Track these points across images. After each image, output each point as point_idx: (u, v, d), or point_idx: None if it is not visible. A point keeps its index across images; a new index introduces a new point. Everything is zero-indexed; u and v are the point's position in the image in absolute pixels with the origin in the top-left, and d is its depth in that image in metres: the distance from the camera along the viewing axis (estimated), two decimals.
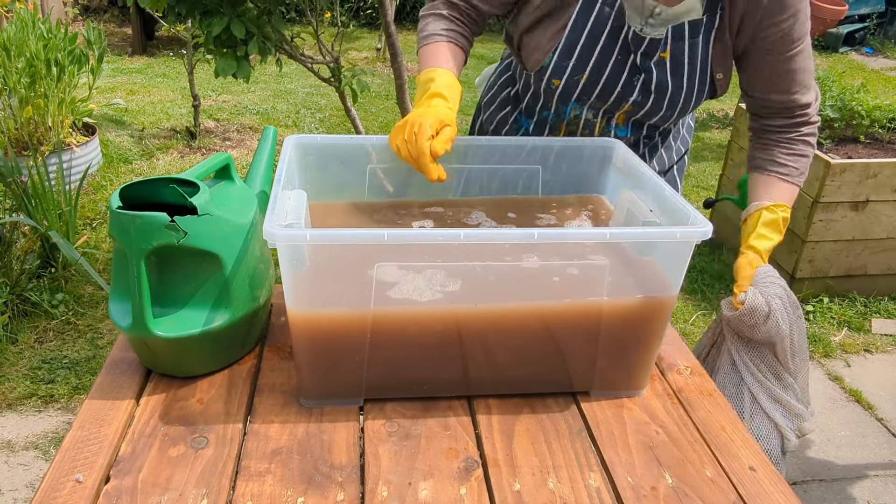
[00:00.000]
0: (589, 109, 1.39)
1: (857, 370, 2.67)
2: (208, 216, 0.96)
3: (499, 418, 1.01)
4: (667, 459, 0.96)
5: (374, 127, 4.77)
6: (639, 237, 0.99)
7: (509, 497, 0.88)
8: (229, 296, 1.00)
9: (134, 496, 0.85)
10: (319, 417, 0.99)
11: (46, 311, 2.63)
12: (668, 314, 1.02)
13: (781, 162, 1.33)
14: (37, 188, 2.73)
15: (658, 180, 1.10)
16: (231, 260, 0.99)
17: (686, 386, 1.11)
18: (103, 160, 3.91)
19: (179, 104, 4.96)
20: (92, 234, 3.19)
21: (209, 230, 0.96)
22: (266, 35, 2.49)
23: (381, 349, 0.97)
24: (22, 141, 3.38)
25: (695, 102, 1.35)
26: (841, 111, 3.03)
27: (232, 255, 0.99)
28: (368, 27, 7.37)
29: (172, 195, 1.00)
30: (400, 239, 0.90)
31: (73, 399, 2.30)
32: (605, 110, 1.38)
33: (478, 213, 1.23)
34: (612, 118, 1.40)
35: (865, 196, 2.84)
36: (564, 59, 1.31)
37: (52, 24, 3.41)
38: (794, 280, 2.98)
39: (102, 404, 0.99)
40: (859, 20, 7.54)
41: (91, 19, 6.75)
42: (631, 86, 1.32)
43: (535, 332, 0.99)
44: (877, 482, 2.17)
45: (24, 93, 3.28)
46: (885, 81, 6.37)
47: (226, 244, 0.99)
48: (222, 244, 0.98)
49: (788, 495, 0.91)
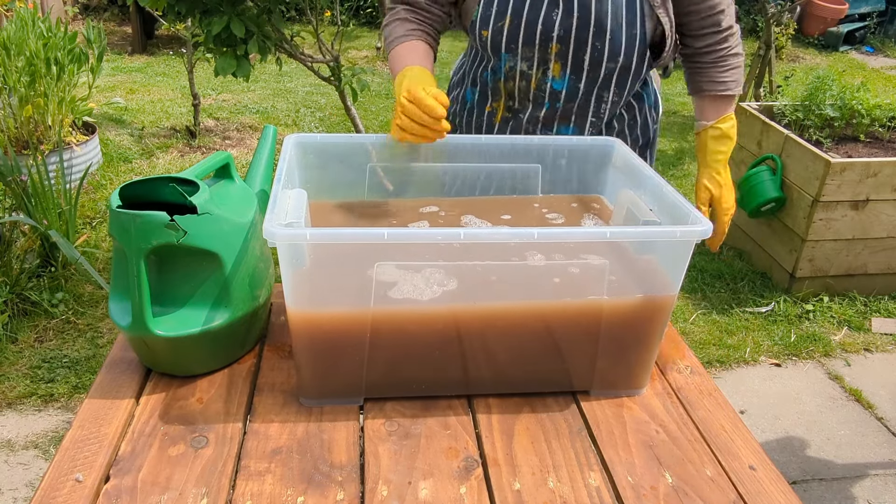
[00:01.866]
0: (522, 60, 1.39)
1: (857, 369, 2.67)
2: (208, 215, 0.96)
3: (499, 417, 1.01)
4: (667, 459, 0.96)
5: (374, 126, 4.76)
6: (639, 237, 0.99)
7: (509, 496, 0.88)
8: (229, 295, 1.00)
9: (134, 495, 0.85)
10: (319, 417, 0.99)
11: (46, 311, 2.63)
12: (668, 313, 1.02)
13: (719, 80, 1.43)
14: (37, 187, 2.73)
15: (658, 179, 1.10)
16: (231, 259, 0.99)
17: (686, 385, 1.11)
18: (103, 159, 3.91)
19: (179, 103, 4.96)
20: (92, 234, 3.19)
21: (209, 229, 0.96)
22: (266, 34, 2.48)
23: (381, 348, 0.97)
24: (22, 140, 3.38)
25: (628, 33, 1.34)
26: (841, 110, 3.03)
27: (232, 254, 0.99)
28: (368, 26, 7.36)
29: (172, 194, 1.00)
30: (400, 238, 0.89)
31: (72, 398, 2.30)
32: (538, 59, 1.38)
33: (477, 213, 1.23)
34: (546, 68, 1.39)
35: (865, 195, 2.84)
36: (489, 7, 1.36)
37: (51, 23, 3.41)
38: (794, 279, 2.98)
39: (102, 403, 0.99)
40: (859, 19, 7.54)
41: (91, 18, 6.74)
42: (551, 21, 1.33)
43: (535, 332, 0.99)
44: (877, 481, 2.17)
45: (24, 92, 3.28)
46: (886, 80, 6.37)
47: (225, 243, 0.99)
48: (222, 243, 0.98)
49: (788, 494, 0.91)
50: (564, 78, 1.40)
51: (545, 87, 1.41)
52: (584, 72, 1.39)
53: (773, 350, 2.74)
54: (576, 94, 1.42)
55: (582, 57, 1.37)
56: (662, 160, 4.44)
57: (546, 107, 1.44)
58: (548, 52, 1.36)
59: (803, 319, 2.92)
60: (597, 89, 1.42)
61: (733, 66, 1.43)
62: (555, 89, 1.41)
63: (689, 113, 5.39)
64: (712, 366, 2.65)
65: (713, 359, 2.67)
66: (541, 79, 1.40)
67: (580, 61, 1.37)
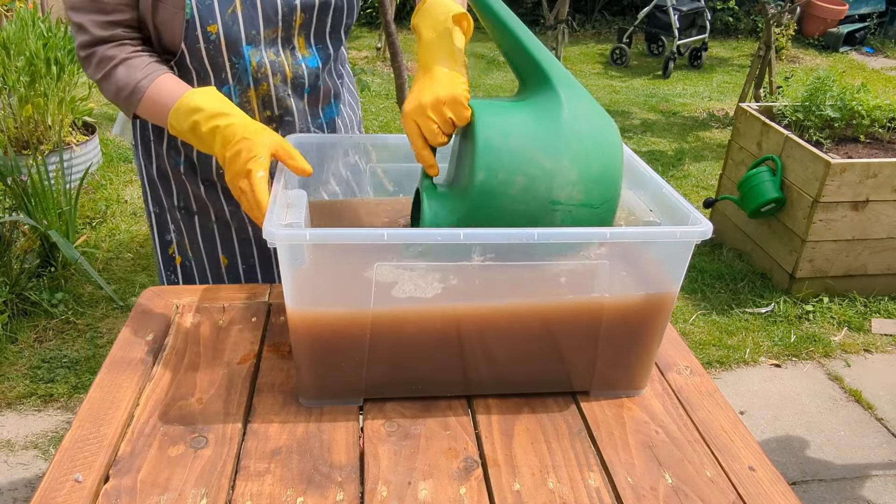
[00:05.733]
0: (267, 48, 1.17)
1: (857, 370, 2.67)
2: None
3: (498, 418, 1.01)
4: (666, 459, 0.96)
5: (374, 126, 4.76)
6: (639, 237, 0.99)
7: (509, 497, 0.88)
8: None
9: (133, 496, 0.85)
10: (319, 417, 0.99)
11: (46, 311, 2.63)
12: (668, 314, 1.02)
13: None
14: (36, 187, 2.73)
15: (658, 179, 1.10)
16: None
17: (686, 386, 1.11)
18: (103, 159, 3.91)
19: None
20: (92, 234, 3.19)
21: None
22: None
23: (381, 349, 0.97)
24: (22, 140, 3.38)
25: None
26: (841, 111, 3.03)
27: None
28: (368, 26, 7.37)
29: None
30: (400, 238, 0.89)
31: (72, 398, 2.30)
32: (283, 39, 1.18)
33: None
34: (293, 48, 1.20)
35: (865, 196, 2.84)
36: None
37: (51, 23, 3.41)
38: (794, 280, 2.98)
39: (102, 404, 0.99)
40: (859, 20, 7.54)
41: None
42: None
43: (535, 332, 0.99)
44: (877, 482, 2.17)
45: (24, 91, 3.28)
46: (886, 81, 6.37)
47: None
48: None
49: (788, 495, 0.91)
50: (313, 51, 1.22)
51: (301, 72, 1.22)
52: (326, 36, 1.22)
53: (773, 351, 2.74)
54: (327, 64, 1.25)
55: (324, 20, 1.19)
56: (662, 160, 4.44)
57: (307, 92, 1.25)
58: (291, 26, 1.17)
59: (803, 320, 2.92)
60: (342, 51, 1.28)
61: None
62: (311, 68, 1.23)
63: (689, 113, 5.40)
64: (712, 366, 2.65)
65: (713, 359, 2.67)
66: (293, 63, 1.21)
67: (322, 26, 1.20)
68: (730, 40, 7.82)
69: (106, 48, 1.11)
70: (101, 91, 1.14)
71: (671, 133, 4.95)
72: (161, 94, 1.07)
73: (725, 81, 6.31)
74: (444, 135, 0.98)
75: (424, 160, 1.01)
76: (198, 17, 1.10)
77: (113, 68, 1.10)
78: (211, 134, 1.01)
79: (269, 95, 1.21)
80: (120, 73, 1.10)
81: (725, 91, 6.02)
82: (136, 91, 1.09)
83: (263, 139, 1.00)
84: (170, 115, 1.05)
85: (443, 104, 0.95)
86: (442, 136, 0.98)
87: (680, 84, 6.18)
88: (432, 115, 0.96)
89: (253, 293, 1.26)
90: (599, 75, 6.40)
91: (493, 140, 0.93)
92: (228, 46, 1.14)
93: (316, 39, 1.22)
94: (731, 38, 7.90)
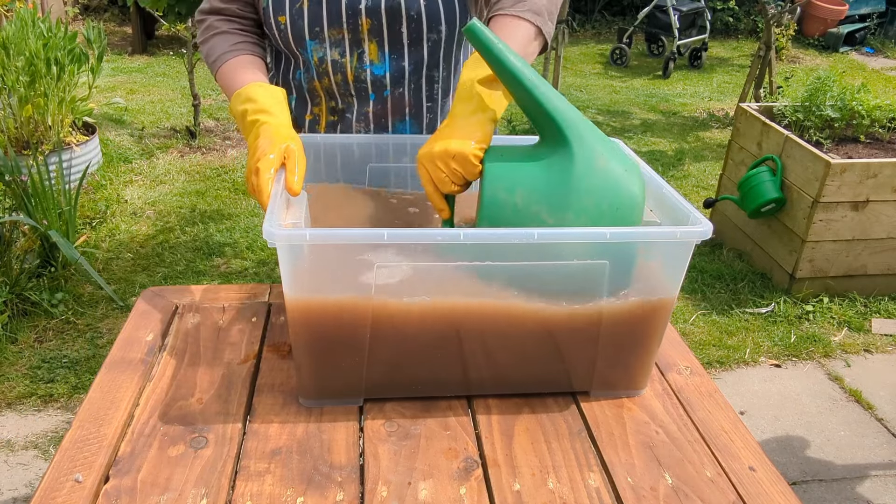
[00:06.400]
0: (332, 47, 1.22)
1: (857, 370, 2.67)
2: None
3: (498, 418, 1.01)
4: (666, 459, 0.96)
5: None
6: (639, 237, 0.99)
7: (509, 497, 0.88)
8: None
9: (133, 496, 0.85)
10: (319, 417, 0.99)
11: (46, 311, 2.63)
12: (667, 314, 1.02)
13: (508, 4, 1.11)
14: (36, 187, 2.73)
15: (658, 180, 1.10)
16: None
17: (686, 386, 1.11)
18: (103, 159, 3.91)
19: (179, 103, 4.96)
20: (92, 234, 3.19)
21: None
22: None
23: (381, 348, 0.97)
24: (22, 140, 3.38)
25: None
26: (841, 111, 3.03)
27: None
28: None
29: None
30: (400, 238, 0.89)
31: (72, 398, 2.30)
32: (350, 42, 1.21)
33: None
34: (361, 52, 1.22)
35: (865, 196, 2.84)
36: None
37: (51, 23, 3.41)
38: (794, 280, 2.98)
39: (102, 404, 0.99)
40: (860, 20, 7.54)
41: (91, 18, 6.74)
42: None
43: (535, 332, 0.99)
44: (877, 482, 2.17)
45: (24, 92, 3.28)
46: (886, 81, 6.37)
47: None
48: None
49: (788, 495, 0.91)
50: (384, 60, 1.23)
51: (365, 77, 1.24)
52: (404, 48, 1.22)
53: (773, 351, 2.74)
54: (402, 77, 1.25)
55: (398, 29, 1.20)
56: (662, 160, 4.44)
57: (372, 98, 1.28)
58: (359, 30, 1.20)
59: (803, 320, 2.92)
60: (425, 68, 1.26)
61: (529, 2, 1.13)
62: (376, 75, 1.24)
63: (689, 113, 5.39)
64: (712, 366, 2.65)
65: (713, 359, 2.67)
66: (357, 66, 1.24)
67: (398, 35, 1.21)
68: (730, 40, 7.82)
69: (215, 18, 1.24)
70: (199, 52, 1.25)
71: (671, 133, 4.95)
72: (235, 73, 1.18)
73: (725, 81, 6.31)
74: (455, 185, 0.99)
75: (434, 204, 1.03)
76: (272, 6, 1.20)
77: (211, 36, 1.23)
78: (252, 125, 1.08)
79: (331, 90, 1.28)
80: (214, 42, 1.23)
81: (725, 91, 6.02)
82: (217, 61, 1.21)
83: (283, 144, 1.04)
84: (232, 96, 1.15)
85: (451, 157, 0.97)
86: (452, 186, 1.00)
87: (680, 84, 6.18)
88: (440, 166, 0.98)
89: (253, 293, 1.26)
90: (599, 75, 6.40)
91: (498, 195, 0.95)
92: (294, 38, 1.22)
93: (391, 48, 1.23)
94: (731, 38, 7.90)
